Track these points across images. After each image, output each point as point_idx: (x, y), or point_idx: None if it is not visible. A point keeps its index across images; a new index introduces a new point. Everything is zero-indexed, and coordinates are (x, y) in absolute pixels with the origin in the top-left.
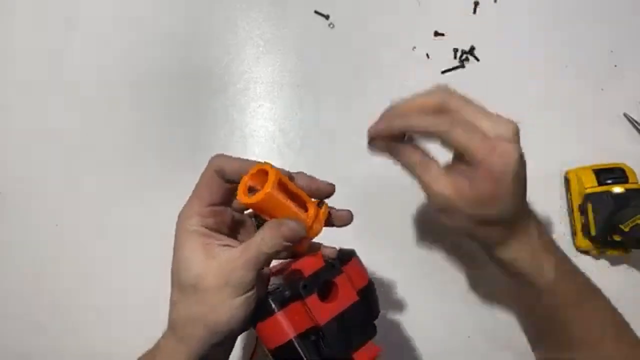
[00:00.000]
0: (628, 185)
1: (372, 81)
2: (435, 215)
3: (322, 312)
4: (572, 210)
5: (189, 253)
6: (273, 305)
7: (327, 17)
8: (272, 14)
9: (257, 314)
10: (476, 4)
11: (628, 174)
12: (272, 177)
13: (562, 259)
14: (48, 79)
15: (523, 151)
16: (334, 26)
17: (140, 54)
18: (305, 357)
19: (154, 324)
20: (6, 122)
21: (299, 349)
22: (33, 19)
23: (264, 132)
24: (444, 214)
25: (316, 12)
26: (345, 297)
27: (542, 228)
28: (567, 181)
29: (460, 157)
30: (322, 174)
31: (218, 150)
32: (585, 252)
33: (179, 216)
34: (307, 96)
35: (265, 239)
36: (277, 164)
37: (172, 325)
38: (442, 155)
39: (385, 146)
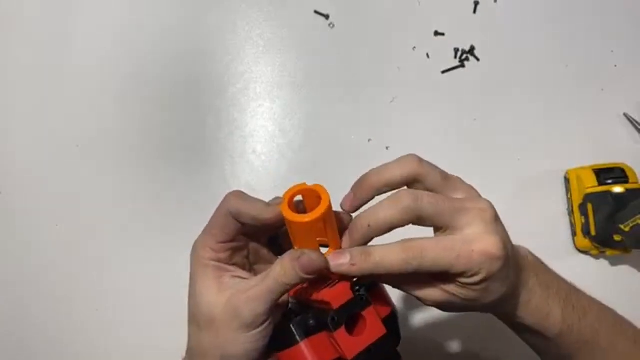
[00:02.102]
0: (628, 185)
1: (372, 81)
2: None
3: (350, 345)
4: (573, 210)
5: (201, 287)
6: (297, 335)
7: (327, 17)
8: (272, 14)
9: (279, 342)
10: (476, 3)
11: (628, 174)
12: (326, 201)
13: (567, 300)
14: (48, 79)
15: (514, 198)
16: (334, 26)
17: (140, 54)
18: None
19: (154, 324)
20: (6, 122)
21: None
22: (34, 19)
23: (264, 132)
24: (438, 307)
25: (316, 12)
26: (373, 330)
27: (540, 270)
28: (567, 181)
29: None
30: (322, 174)
31: (218, 150)
32: (585, 252)
33: (194, 247)
34: (307, 96)
35: (281, 270)
36: (276, 164)
37: (190, 355)
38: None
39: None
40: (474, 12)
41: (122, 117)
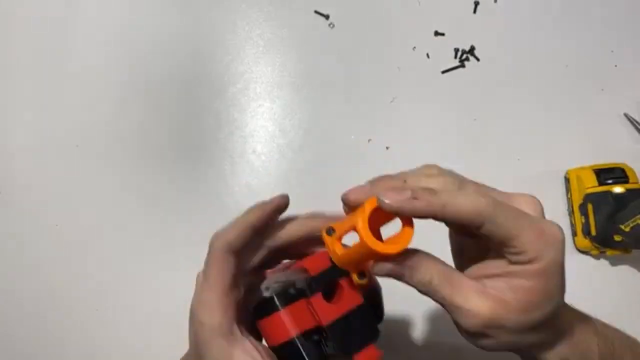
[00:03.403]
0: (628, 186)
1: (372, 81)
2: (470, 340)
3: (326, 312)
4: (573, 210)
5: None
6: (277, 303)
7: (327, 17)
8: (272, 14)
9: (259, 310)
10: (476, 3)
11: (628, 174)
12: (411, 230)
13: (604, 339)
14: (48, 80)
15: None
16: (334, 26)
17: (140, 54)
18: (307, 356)
19: (154, 324)
20: (6, 122)
21: (300, 348)
22: (34, 19)
23: (264, 132)
24: (483, 338)
25: (316, 12)
26: (350, 298)
27: (574, 310)
28: (567, 181)
29: (477, 254)
30: (322, 174)
31: (218, 150)
32: (586, 252)
33: (192, 312)
34: (307, 96)
35: None
36: (276, 164)
37: None
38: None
39: (396, 266)
40: (474, 12)
41: (122, 117)
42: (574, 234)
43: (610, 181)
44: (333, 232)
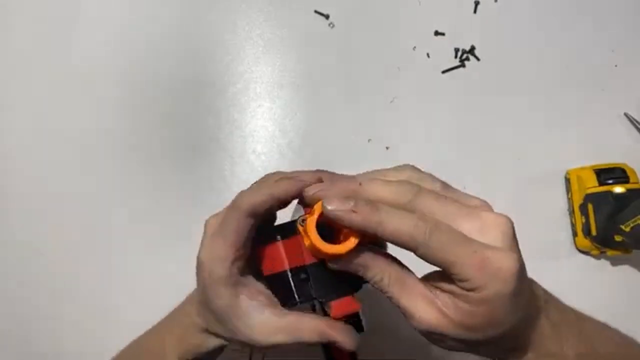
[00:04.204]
0: (629, 186)
1: (372, 81)
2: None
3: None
4: (573, 211)
5: (220, 308)
6: (278, 235)
7: (327, 17)
8: (272, 14)
9: (260, 238)
10: (476, 3)
11: (629, 174)
12: (354, 238)
13: (580, 337)
14: (48, 80)
15: (524, 158)
16: (334, 26)
17: (140, 54)
18: (296, 290)
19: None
20: (7, 122)
21: (290, 281)
22: (36, 19)
23: (264, 132)
24: (430, 338)
25: (316, 12)
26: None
27: (550, 305)
28: (567, 181)
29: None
30: None
31: (218, 150)
32: (586, 252)
33: (202, 261)
34: (307, 96)
35: (308, 331)
36: (276, 164)
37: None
38: None
39: (346, 263)
40: (474, 12)
41: (122, 117)
42: (575, 234)
43: (610, 181)
44: (305, 222)
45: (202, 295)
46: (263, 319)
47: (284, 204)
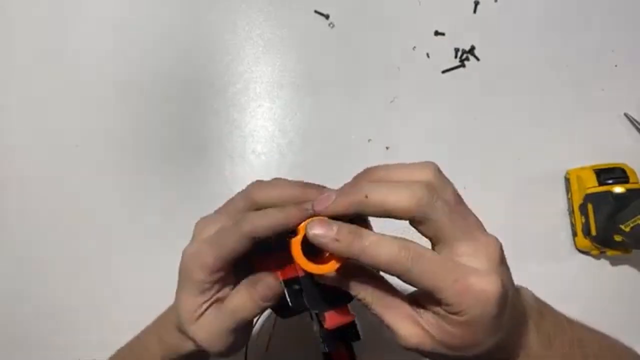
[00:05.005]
0: (629, 185)
1: (372, 81)
2: None
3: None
4: (573, 211)
5: (184, 304)
6: (272, 246)
7: (327, 17)
8: (272, 14)
9: (258, 248)
10: (476, 3)
11: (629, 174)
12: (335, 263)
13: (570, 340)
14: (48, 80)
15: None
16: (334, 26)
17: (139, 54)
18: (290, 301)
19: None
20: (6, 122)
21: (285, 292)
22: (34, 19)
23: (263, 132)
24: (414, 351)
25: (316, 12)
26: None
27: (543, 316)
28: (567, 181)
29: None
30: (322, 174)
31: (218, 150)
32: (586, 252)
33: (185, 260)
34: (307, 96)
35: (239, 304)
36: (276, 164)
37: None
38: None
39: (331, 280)
40: (474, 12)
41: (122, 117)
42: (574, 234)
43: (610, 181)
44: (294, 236)
45: (177, 290)
46: (210, 319)
47: (290, 231)
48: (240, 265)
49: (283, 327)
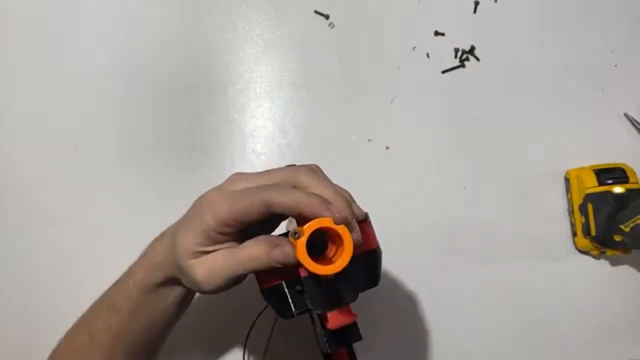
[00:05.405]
0: (628, 186)
1: (372, 81)
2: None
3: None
4: (573, 211)
5: (184, 239)
6: None
7: (327, 17)
8: (272, 14)
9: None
10: (476, 3)
11: (628, 174)
12: (348, 247)
13: None
14: (48, 80)
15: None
16: (334, 26)
17: (139, 53)
18: (292, 302)
19: None
20: (6, 122)
21: (286, 293)
22: (34, 19)
23: (263, 132)
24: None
25: (316, 12)
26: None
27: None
28: (567, 181)
29: None
30: None
31: (218, 150)
32: (586, 252)
33: (204, 202)
34: (307, 96)
35: (254, 256)
36: (276, 164)
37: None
38: None
39: None
40: (474, 12)
41: (122, 117)
42: (574, 234)
43: (610, 181)
44: (298, 236)
45: (183, 221)
46: (218, 260)
47: (303, 219)
48: (251, 234)
49: (282, 328)
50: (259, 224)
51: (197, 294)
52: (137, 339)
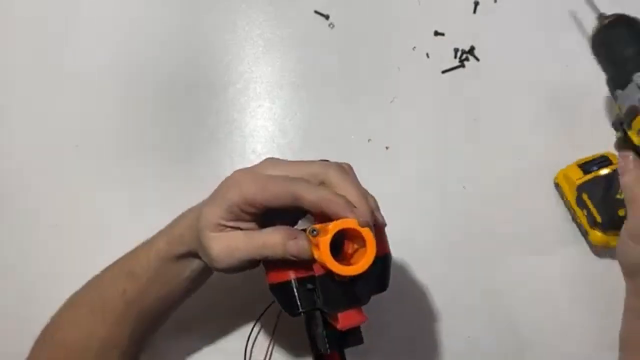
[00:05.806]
0: (614, 166)
1: (372, 81)
2: None
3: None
4: (574, 211)
5: (210, 213)
6: None
7: (327, 17)
8: (272, 14)
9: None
10: (476, 3)
11: (611, 158)
12: (371, 250)
13: None
14: (48, 80)
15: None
16: (334, 26)
17: (139, 53)
18: (299, 300)
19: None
20: (6, 121)
21: (295, 291)
22: (33, 18)
23: (263, 132)
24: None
25: (316, 12)
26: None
27: None
28: (557, 186)
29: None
30: None
31: (218, 150)
32: (605, 246)
33: (232, 181)
34: (307, 96)
35: (270, 243)
36: None
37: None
38: None
39: None
40: (474, 12)
41: (122, 117)
42: (585, 233)
43: (595, 168)
44: (316, 233)
45: (210, 197)
46: (235, 239)
47: (324, 216)
48: (272, 220)
49: (284, 329)
50: (281, 213)
51: (209, 279)
52: (150, 308)
